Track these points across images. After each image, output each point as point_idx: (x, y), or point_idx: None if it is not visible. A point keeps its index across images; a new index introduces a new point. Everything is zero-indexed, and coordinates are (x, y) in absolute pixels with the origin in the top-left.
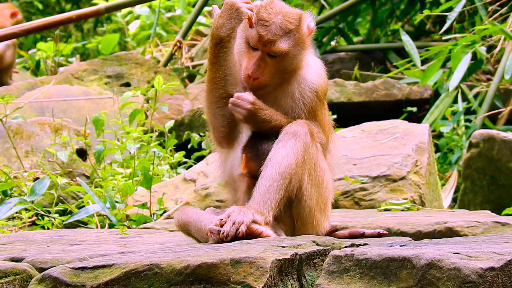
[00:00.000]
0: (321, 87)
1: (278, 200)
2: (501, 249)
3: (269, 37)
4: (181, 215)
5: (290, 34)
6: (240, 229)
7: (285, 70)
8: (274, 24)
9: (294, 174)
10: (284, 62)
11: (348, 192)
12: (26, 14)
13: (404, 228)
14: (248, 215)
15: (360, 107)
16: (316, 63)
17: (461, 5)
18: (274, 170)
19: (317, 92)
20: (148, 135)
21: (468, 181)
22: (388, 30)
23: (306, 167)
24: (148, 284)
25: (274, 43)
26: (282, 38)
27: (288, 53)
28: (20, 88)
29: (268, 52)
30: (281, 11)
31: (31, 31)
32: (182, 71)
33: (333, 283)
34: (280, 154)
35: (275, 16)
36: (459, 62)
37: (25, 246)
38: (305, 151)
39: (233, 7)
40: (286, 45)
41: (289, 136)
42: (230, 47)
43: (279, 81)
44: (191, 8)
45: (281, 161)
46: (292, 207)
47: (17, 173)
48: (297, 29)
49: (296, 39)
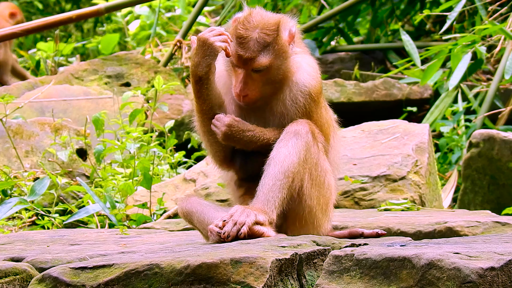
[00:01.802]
0: (314, 88)
1: (281, 199)
2: (501, 249)
3: (248, 55)
4: (185, 204)
5: (269, 47)
6: (242, 230)
7: (274, 81)
8: (252, 40)
9: (297, 173)
10: (270, 74)
11: (348, 192)
12: (26, 14)
13: (404, 228)
14: (250, 216)
15: (360, 107)
16: (308, 63)
17: (461, 5)
18: (277, 168)
19: (310, 95)
20: (148, 135)
21: (468, 181)
22: (388, 30)
23: (307, 166)
24: (148, 284)
25: (254, 60)
26: (261, 53)
27: (271, 66)
28: (20, 88)
29: (251, 69)
30: (258, 24)
31: (31, 31)
32: (182, 71)
33: (333, 283)
34: (283, 153)
35: (253, 31)
36: (459, 62)
37: (25, 246)
38: (307, 150)
39: (206, 43)
40: (266, 59)
41: (290, 135)
42: (211, 82)
43: (271, 91)
44: (191, 8)
45: (283, 159)
46: (293, 206)
47: (17, 173)
48: (275, 40)
49: (276, 50)
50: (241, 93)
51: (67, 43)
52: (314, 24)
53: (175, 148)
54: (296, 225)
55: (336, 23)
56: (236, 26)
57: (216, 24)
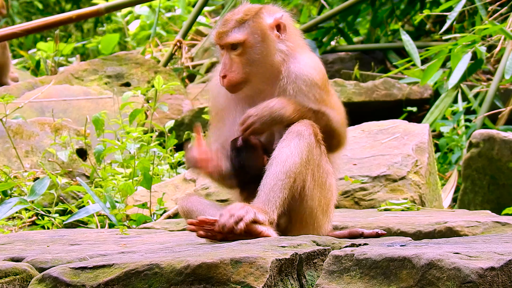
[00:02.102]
0: (315, 76)
1: (282, 199)
2: (501, 249)
3: (222, 30)
4: (186, 202)
5: (244, 23)
6: (239, 226)
7: (254, 62)
8: (231, 20)
9: (299, 173)
10: (247, 53)
11: (348, 192)
12: (26, 14)
13: (404, 228)
14: (249, 213)
15: (360, 107)
16: (307, 56)
17: (461, 5)
18: (278, 168)
19: (313, 82)
20: (148, 135)
21: (468, 181)
22: (388, 30)
23: (309, 167)
24: (148, 284)
25: (227, 34)
26: (235, 29)
27: (246, 42)
28: (20, 88)
29: (227, 46)
30: (242, 8)
31: (31, 31)
32: (182, 71)
33: (333, 283)
34: (285, 153)
35: (232, 15)
36: (459, 61)
37: (25, 246)
38: (309, 152)
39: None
40: (240, 34)
41: (293, 136)
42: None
43: (257, 77)
44: (191, 8)
45: (285, 159)
46: (294, 207)
47: (17, 173)
48: (253, 18)
49: (252, 27)
50: (220, 73)
51: (67, 43)
52: (314, 24)
53: (175, 148)
54: (296, 226)
55: (336, 23)
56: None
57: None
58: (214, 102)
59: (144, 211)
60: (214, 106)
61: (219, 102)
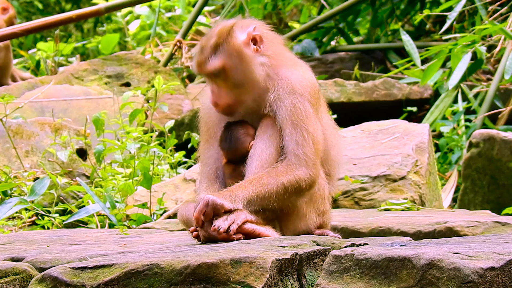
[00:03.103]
0: (305, 89)
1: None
2: (501, 249)
3: (200, 59)
4: (185, 211)
5: (219, 48)
6: (232, 228)
7: (239, 83)
8: (205, 47)
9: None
10: (230, 77)
11: (348, 192)
12: (26, 14)
13: (404, 228)
14: (240, 215)
15: (360, 107)
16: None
17: (461, 5)
18: (256, 164)
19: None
20: (148, 135)
21: (468, 181)
22: (388, 30)
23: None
24: (148, 284)
25: (205, 63)
26: (212, 56)
27: (225, 67)
28: (20, 88)
29: (209, 74)
30: (214, 32)
31: (31, 31)
32: (182, 71)
33: (333, 283)
34: (260, 148)
35: (206, 40)
36: (459, 61)
37: (25, 246)
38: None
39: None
40: (217, 60)
41: (265, 129)
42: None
43: (247, 96)
44: (191, 8)
45: (261, 154)
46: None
47: (17, 173)
48: (226, 40)
49: (227, 50)
50: (212, 102)
51: (67, 43)
52: (314, 24)
53: (175, 148)
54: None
55: (336, 23)
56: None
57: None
58: (205, 119)
59: (144, 211)
60: (206, 123)
61: (210, 119)
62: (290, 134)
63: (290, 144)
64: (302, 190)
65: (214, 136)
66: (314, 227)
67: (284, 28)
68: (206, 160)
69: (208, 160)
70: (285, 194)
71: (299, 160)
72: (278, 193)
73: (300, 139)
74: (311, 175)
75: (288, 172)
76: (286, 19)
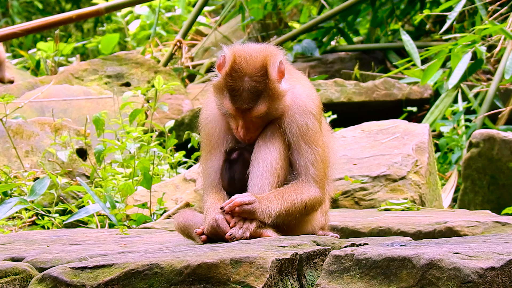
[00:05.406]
0: (313, 108)
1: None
2: (501, 249)
3: (245, 106)
4: (181, 218)
5: (263, 94)
6: (245, 235)
7: (271, 115)
8: (244, 91)
9: (280, 168)
10: (269, 115)
11: (348, 192)
12: (26, 14)
13: (404, 228)
14: (254, 223)
15: (360, 107)
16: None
17: (461, 5)
18: (262, 168)
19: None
20: (148, 135)
21: (468, 181)
22: (388, 30)
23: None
24: (148, 284)
25: (252, 110)
26: (257, 103)
27: (269, 109)
28: (20, 88)
29: (251, 117)
30: (245, 72)
31: (31, 31)
32: (182, 71)
33: (333, 283)
34: (264, 151)
35: (242, 81)
36: (459, 61)
37: (25, 246)
38: (286, 146)
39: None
40: (264, 106)
41: (265, 139)
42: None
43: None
44: (191, 8)
45: (265, 157)
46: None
47: (17, 173)
48: (267, 85)
49: (270, 95)
50: (245, 138)
51: (67, 43)
52: (314, 24)
53: (175, 148)
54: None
55: (336, 23)
56: (225, 78)
57: (216, 24)
58: (207, 130)
59: (144, 211)
60: (208, 135)
61: (213, 131)
62: (303, 153)
63: (302, 163)
64: (316, 209)
65: (217, 147)
66: (318, 228)
67: (284, 28)
68: (209, 170)
69: (211, 170)
70: (305, 211)
71: (314, 181)
72: (300, 211)
73: (312, 159)
74: (322, 194)
75: (306, 192)
76: (286, 19)
